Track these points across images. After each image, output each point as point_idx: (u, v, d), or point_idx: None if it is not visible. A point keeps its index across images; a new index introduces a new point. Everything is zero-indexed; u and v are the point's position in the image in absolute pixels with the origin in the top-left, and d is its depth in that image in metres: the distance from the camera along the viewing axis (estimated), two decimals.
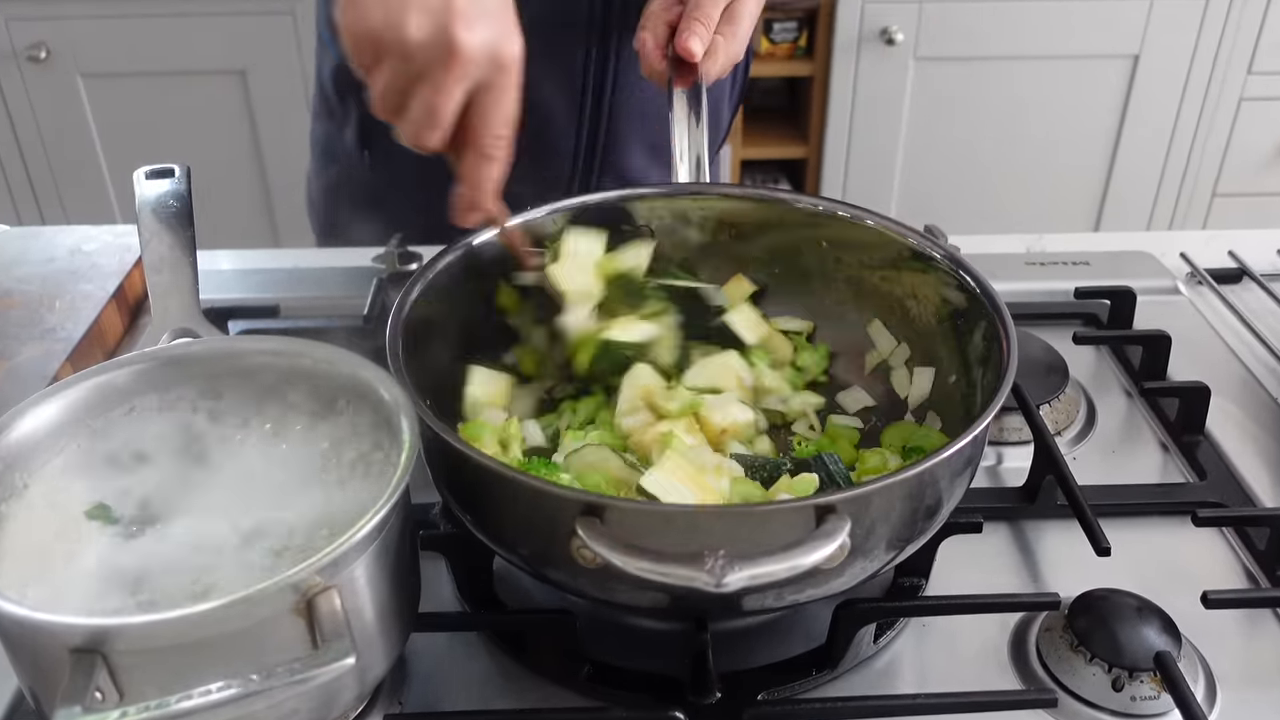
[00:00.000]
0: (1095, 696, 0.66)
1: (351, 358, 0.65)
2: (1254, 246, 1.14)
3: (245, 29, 2.36)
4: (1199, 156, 2.64)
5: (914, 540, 0.64)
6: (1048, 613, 0.71)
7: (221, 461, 0.62)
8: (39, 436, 0.61)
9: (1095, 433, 0.90)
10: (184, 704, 0.47)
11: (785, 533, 0.55)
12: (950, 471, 0.63)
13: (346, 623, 0.52)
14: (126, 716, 0.46)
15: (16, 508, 0.59)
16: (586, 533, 0.54)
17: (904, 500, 0.61)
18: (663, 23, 0.93)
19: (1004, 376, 0.65)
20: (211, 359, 0.66)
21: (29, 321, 0.96)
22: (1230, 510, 0.80)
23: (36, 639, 0.51)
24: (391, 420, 0.61)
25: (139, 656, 0.50)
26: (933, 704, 0.64)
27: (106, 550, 0.57)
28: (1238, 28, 2.47)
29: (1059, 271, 1.08)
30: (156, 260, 0.73)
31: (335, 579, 0.53)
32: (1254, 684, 0.68)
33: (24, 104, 2.45)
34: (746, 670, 0.68)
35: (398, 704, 0.66)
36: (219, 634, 0.50)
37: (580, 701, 0.67)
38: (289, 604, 0.51)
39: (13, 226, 1.12)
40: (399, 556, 0.59)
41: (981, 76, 2.52)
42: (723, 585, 0.51)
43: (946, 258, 0.77)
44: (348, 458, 0.62)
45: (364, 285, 1.01)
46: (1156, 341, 0.94)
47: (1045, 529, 0.80)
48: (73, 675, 0.48)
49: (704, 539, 0.54)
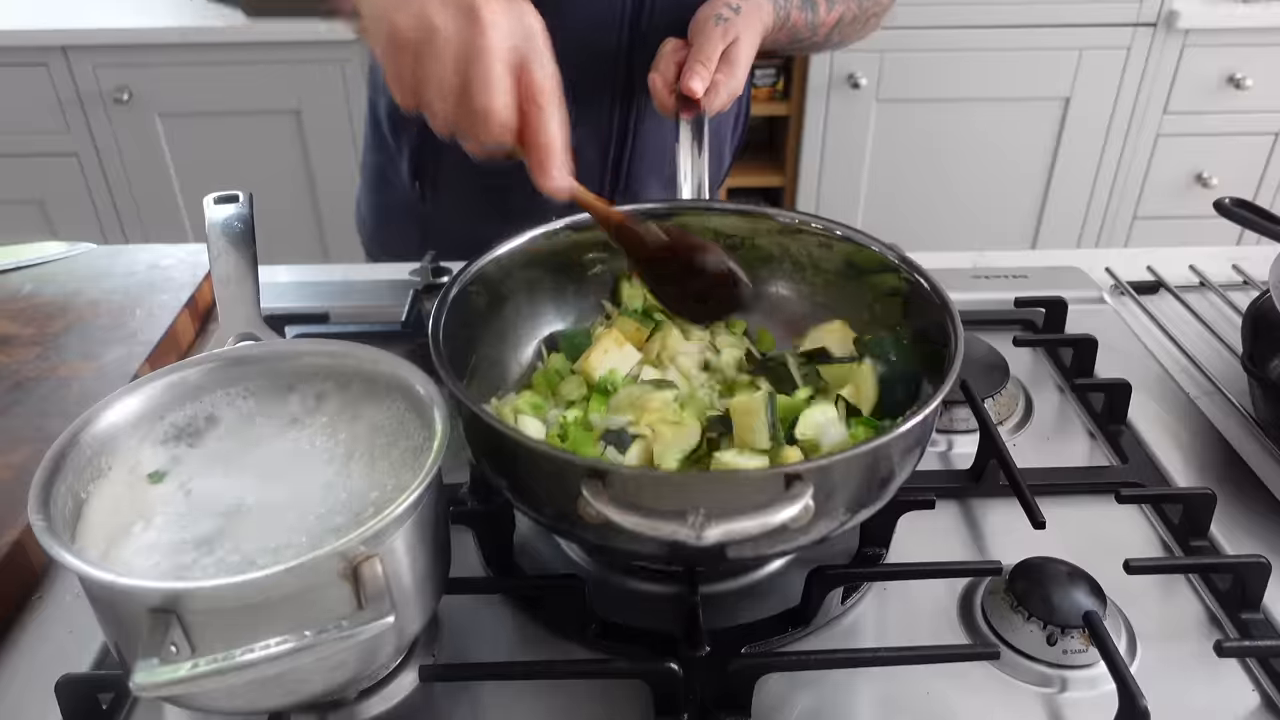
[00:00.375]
0: (1032, 650, 0.66)
1: (392, 358, 0.65)
2: (1169, 262, 1.14)
3: (300, 75, 2.36)
4: (1122, 184, 2.64)
5: (870, 505, 0.64)
6: (991, 578, 0.71)
7: (279, 446, 0.63)
8: (121, 426, 0.61)
9: (1032, 423, 0.90)
10: (246, 657, 0.47)
11: (757, 495, 0.55)
12: (902, 448, 0.63)
13: (387, 586, 0.52)
14: (197, 667, 0.47)
15: (102, 486, 0.59)
16: (590, 493, 0.55)
17: (861, 471, 0.61)
18: (672, 63, 0.93)
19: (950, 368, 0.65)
20: (271, 359, 0.67)
21: (114, 327, 0.96)
22: (1148, 490, 0.79)
23: (119, 600, 0.51)
24: (425, 412, 0.61)
25: (208, 616, 0.50)
26: (892, 656, 0.64)
27: (180, 519, 0.57)
28: (1155, 74, 2.47)
29: (1001, 284, 1.08)
30: (224, 274, 0.73)
31: (378, 549, 0.53)
32: (1169, 639, 0.68)
33: (110, 140, 2.45)
34: (732, 627, 0.68)
35: (431, 656, 0.66)
36: (277, 596, 0.50)
37: (589, 654, 0.67)
38: (337, 570, 0.51)
39: (100, 245, 1.12)
40: (433, 529, 0.59)
41: (935, 116, 2.52)
42: (702, 539, 0.52)
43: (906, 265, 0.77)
44: (389, 444, 0.62)
45: (402, 296, 1.00)
46: (1085, 344, 0.94)
47: (989, 506, 0.80)
48: (150, 632, 0.48)
49: (688, 499, 0.54)
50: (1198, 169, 2.59)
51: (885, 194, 2.62)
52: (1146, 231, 2.70)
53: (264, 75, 2.37)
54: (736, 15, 0.94)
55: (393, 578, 0.54)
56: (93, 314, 0.98)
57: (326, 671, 0.55)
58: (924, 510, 0.73)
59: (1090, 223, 2.70)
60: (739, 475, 0.62)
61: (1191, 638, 0.68)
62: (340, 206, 2.52)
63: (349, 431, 0.63)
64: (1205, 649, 0.65)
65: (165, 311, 0.98)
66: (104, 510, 0.57)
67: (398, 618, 0.52)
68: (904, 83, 2.46)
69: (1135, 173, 2.62)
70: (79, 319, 0.97)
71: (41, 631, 0.69)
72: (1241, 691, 0.65)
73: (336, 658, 0.54)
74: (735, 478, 0.61)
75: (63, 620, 0.69)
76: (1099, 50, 2.44)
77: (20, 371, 0.89)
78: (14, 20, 2.32)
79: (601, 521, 0.55)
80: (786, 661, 0.65)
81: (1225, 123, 2.53)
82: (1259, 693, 0.65)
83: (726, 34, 0.93)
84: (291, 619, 0.50)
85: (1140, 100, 2.51)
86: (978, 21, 2.39)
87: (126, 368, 0.90)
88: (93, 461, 0.59)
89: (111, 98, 2.37)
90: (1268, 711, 0.63)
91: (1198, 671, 0.66)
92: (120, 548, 0.55)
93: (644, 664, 0.63)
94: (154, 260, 1.08)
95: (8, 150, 2.43)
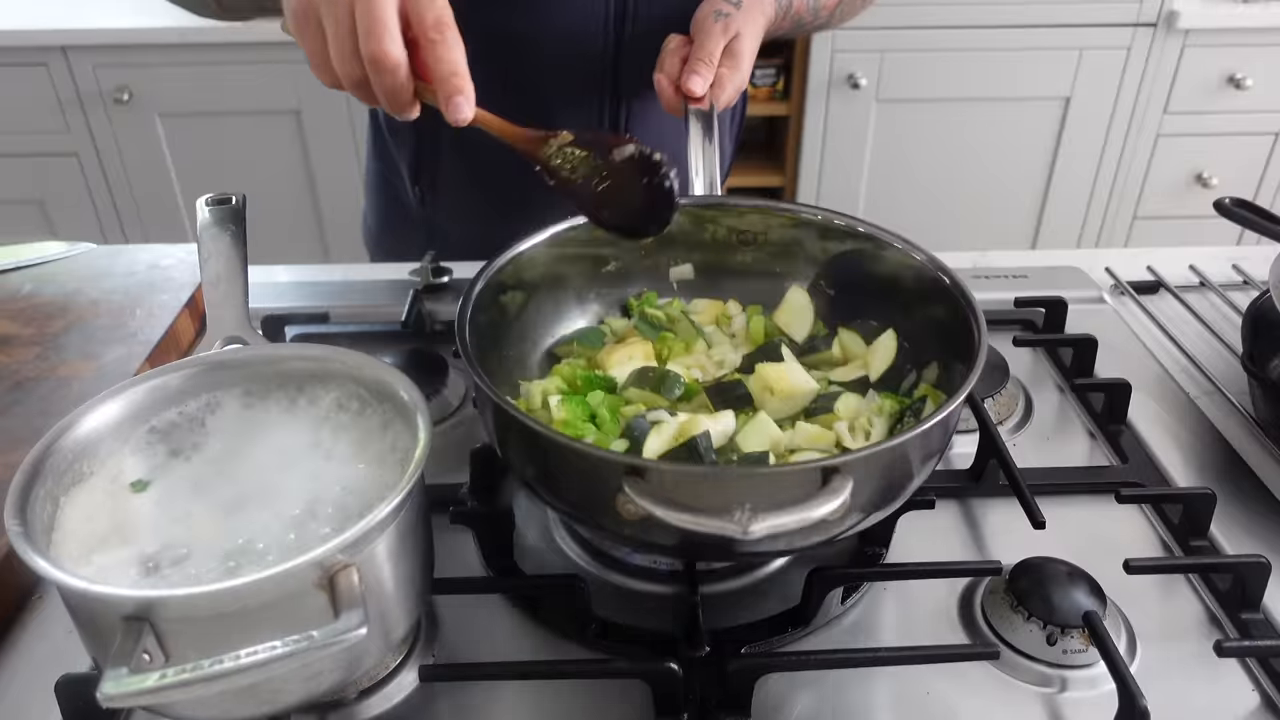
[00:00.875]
0: (1032, 650, 0.66)
1: (377, 363, 0.64)
2: (1169, 262, 1.14)
3: (300, 75, 2.36)
4: (1122, 184, 2.64)
5: (896, 499, 0.64)
6: (991, 578, 0.71)
7: (261, 451, 0.62)
8: (102, 431, 0.61)
9: (1032, 422, 0.90)
10: (215, 668, 0.46)
11: (797, 489, 0.55)
12: (924, 446, 0.63)
13: (363, 598, 0.51)
14: (166, 678, 0.46)
15: (81, 491, 0.58)
16: (632, 489, 0.54)
17: (890, 464, 0.61)
18: (677, 60, 0.92)
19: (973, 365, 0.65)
20: (255, 363, 0.66)
21: (114, 327, 0.96)
22: (1148, 489, 0.79)
23: (93, 608, 0.51)
24: (410, 418, 0.61)
25: (181, 624, 0.49)
26: (892, 656, 0.64)
27: (159, 526, 0.56)
28: (1155, 74, 2.47)
29: (1001, 283, 1.08)
30: (213, 277, 0.72)
31: (356, 557, 0.52)
32: (1169, 639, 0.68)
33: (110, 140, 2.45)
34: (732, 627, 0.68)
35: (431, 656, 0.66)
36: (254, 605, 0.49)
37: (589, 654, 0.67)
38: (313, 579, 0.51)
39: (100, 245, 1.12)
40: (416, 534, 0.59)
41: (934, 116, 2.52)
42: (749, 533, 0.52)
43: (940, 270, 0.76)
44: (371, 449, 0.61)
45: (402, 295, 1.00)
46: (1085, 344, 0.94)
47: (989, 506, 0.80)
48: (123, 640, 0.47)
49: (731, 495, 0.54)
50: (1198, 169, 2.59)
51: (885, 194, 2.62)
52: (1146, 231, 2.70)
53: (264, 75, 2.37)
54: (737, 10, 0.94)
55: (372, 586, 0.54)
56: (93, 314, 0.98)
57: (303, 681, 0.54)
58: (924, 510, 0.74)
59: (1090, 223, 2.70)
60: (780, 471, 0.62)
61: (1191, 638, 0.68)
62: (340, 206, 2.52)
63: (331, 437, 0.62)
64: (1205, 649, 0.65)
65: (165, 311, 0.98)
66: (83, 517, 0.57)
67: (380, 623, 0.51)
68: (904, 83, 2.46)
69: (1135, 173, 2.62)
70: (79, 319, 0.97)
71: (41, 631, 0.69)
72: (1241, 691, 0.65)
73: (313, 667, 0.54)
74: (777, 473, 0.61)
75: (63, 620, 0.69)
76: (1099, 50, 2.44)
77: (20, 371, 0.89)
78: (14, 20, 2.32)
79: (642, 517, 0.55)
80: (786, 661, 0.65)
81: (1225, 123, 2.53)
82: (1259, 693, 0.65)
83: (728, 29, 0.92)
84: (268, 628, 0.49)
85: (1140, 100, 2.51)
86: (978, 21, 2.39)
87: (126, 368, 0.90)
88: (73, 466, 0.58)
89: (111, 98, 2.37)
90: (1268, 711, 0.63)
91: (1198, 671, 0.66)
92: (100, 554, 0.54)
93: (644, 664, 0.62)
94: (154, 260, 1.08)
95: (8, 150, 2.43)
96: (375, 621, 0.54)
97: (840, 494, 0.54)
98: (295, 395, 0.65)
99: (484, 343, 0.71)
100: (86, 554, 0.54)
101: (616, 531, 0.61)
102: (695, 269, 0.88)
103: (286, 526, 0.56)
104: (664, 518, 0.53)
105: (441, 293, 1.03)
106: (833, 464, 0.55)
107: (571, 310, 0.85)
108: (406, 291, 1.01)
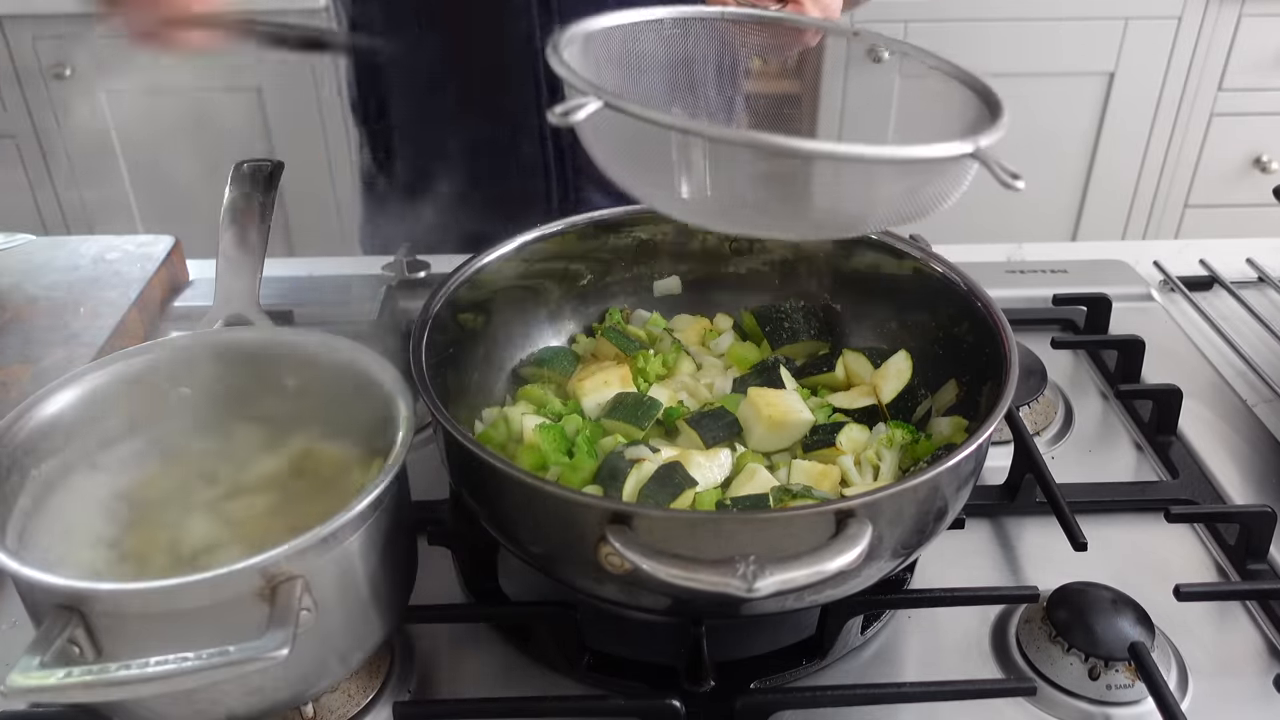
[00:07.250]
0: (1073, 685, 0.66)
1: (357, 348, 0.66)
2: (1224, 255, 1.14)
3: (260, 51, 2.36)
4: (1172, 169, 2.64)
5: (923, 543, 0.63)
6: (1027, 605, 0.71)
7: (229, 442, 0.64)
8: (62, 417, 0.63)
9: (1073, 433, 0.90)
10: (120, 673, 0.48)
11: (809, 536, 0.53)
12: (958, 478, 0.62)
13: (297, 617, 0.51)
14: (70, 677, 0.47)
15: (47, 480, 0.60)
16: (617, 539, 0.53)
17: (916, 503, 0.60)
18: None
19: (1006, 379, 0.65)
20: (234, 347, 0.68)
21: (55, 327, 0.96)
22: (1201, 507, 0.80)
23: (34, 594, 0.53)
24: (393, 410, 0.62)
25: (112, 620, 0.51)
26: (917, 692, 0.64)
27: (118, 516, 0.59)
28: (1209, 46, 2.48)
29: (1038, 279, 1.08)
30: (227, 248, 0.74)
31: (304, 568, 0.52)
32: (1224, 673, 0.68)
33: (50, 120, 2.45)
34: (739, 660, 0.68)
35: (407, 692, 0.66)
36: (189, 607, 0.51)
37: (581, 690, 0.67)
38: (254, 587, 0.51)
39: (40, 236, 1.11)
40: (385, 549, 0.59)
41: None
42: (754, 590, 0.50)
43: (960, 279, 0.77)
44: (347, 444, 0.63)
45: (375, 292, 1.00)
46: (1131, 346, 0.94)
47: (1025, 525, 0.80)
48: (47, 627, 0.49)
49: (733, 544, 0.52)
50: (1256, 151, 2.60)
51: None
52: (1199, 221, 2.70)
53: None
54: None
55: (326, 601, 0.54)
56: (31, 313, 0.98)
57: (243, 695, 0.55)
58: (953, 530, 0.74)
59: (1137, 212, 2.70)
60: (787, 515, 0.59)
61: (1248, 671, 0.68)
62: (307, 194, 2.51)
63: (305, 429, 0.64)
64: (1264, 684, 0.65)
65: (112, 310, 0.98)
66: (51, 505, 0.59)
67: (332, 642, 0.52)
68: None
69: (1187, 156, 2.62)
70: (15, 318, 0.97)
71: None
72: None
73: (252, 681, 0.54)
74: (783, 518, 0.58)
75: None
76: (1146, 20, 2.44)
77: None
78: None
79: (627, 571, 0.53)
80: (800, 698, 0.65)
81: None
82: None
83: None
84: (205, 635, 0.49)
85: (1192, 75, 2.51)
86: None
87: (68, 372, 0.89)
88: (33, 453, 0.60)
89: (51, 73, 2.37)
90: None
91: (1255, 709, 0.66)
92: (78, 543, 0.56)
93: (642, 700, 0.63)
94: (99, 253, 1.08)
95: None
96: (326, 640, 0.55)
97: (858, 542, 0.52)
98: (268, 381, 0.67)
99: (442, 364, 0.71)
100: (65, 540, 0.56)
101: (594, 590, 0.60)
102: (683, 282, 0.88)
103: (245, 524, 0.58)
104: (654, 572, 0.51)
105: (418, 288, 1.03)
106: (847, 507, 0.54)
107: (543, 328, 0.86)
108: (379, 287, 1.01)
